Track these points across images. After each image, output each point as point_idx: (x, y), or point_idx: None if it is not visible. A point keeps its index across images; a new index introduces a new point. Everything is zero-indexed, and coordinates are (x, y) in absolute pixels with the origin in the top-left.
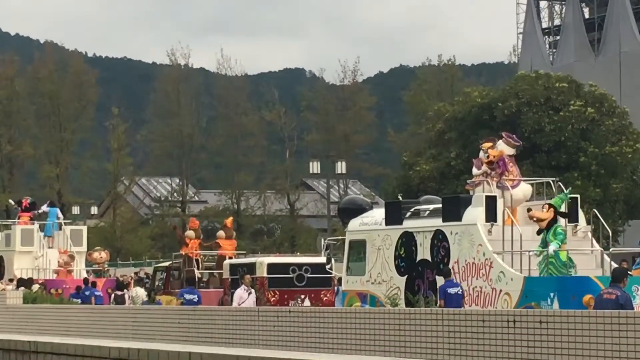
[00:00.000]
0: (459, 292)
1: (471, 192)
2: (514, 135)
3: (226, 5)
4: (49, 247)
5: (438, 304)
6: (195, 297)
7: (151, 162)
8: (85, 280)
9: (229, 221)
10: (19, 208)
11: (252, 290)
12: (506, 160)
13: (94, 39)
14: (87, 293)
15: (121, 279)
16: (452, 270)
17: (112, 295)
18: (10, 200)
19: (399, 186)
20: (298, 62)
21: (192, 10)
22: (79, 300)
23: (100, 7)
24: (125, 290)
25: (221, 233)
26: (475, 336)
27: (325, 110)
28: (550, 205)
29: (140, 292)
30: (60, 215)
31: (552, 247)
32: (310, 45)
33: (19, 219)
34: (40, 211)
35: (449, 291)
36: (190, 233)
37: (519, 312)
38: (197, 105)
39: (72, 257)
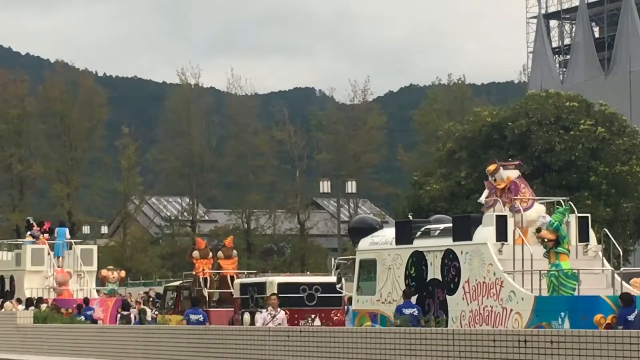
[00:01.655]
0: (415, 314)
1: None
2: (510, 160)
3: (232, 25)
4: (59, 267)
5: (394, 323)
6: (200, 317)
7: (161, 182)
8: (86, 300)
9: (227, 241)
10: (40, 230)
11: (281, 311)
12: (517, 182)
13: (104, 59)
14: (88, 313)
15: (127, 298)
16: (410, 293)
17: (118, 315)
18: (30, 220)
19: (409, 205)
20: (306, 82)
21: (200, 30)
22: (83, 319)
23: (109, 27)
24: (130, 310)
25: (220, 253)
26: (487, 356)
27: (335, 130)
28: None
29: (149, 312)
30: (67, 235)
31: (545, 215)
32: (318, 65)
33: (37, 239)
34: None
35: (404, 311)
36: (195, 253)
37: (530, 332)
38: (207, 124)
39: (69, 275)
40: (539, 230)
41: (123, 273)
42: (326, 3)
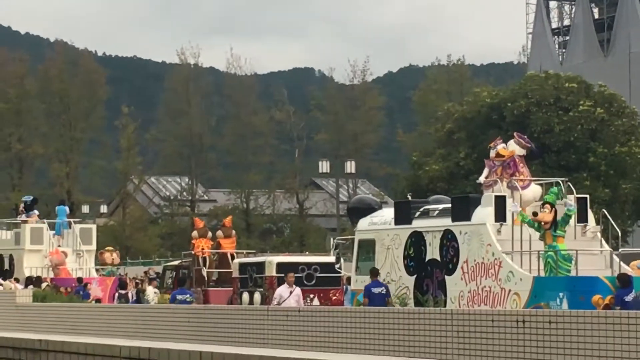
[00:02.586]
0: (383, 292)
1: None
2: (526, 137)
3: (232, 5)
4: (58, 246)
5: (362, 302)
6: (187, 297)
7: (161, 161)
8: (79, 280)
9: (227, 220)
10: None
11: (297, 288)
12: (517, 160)
13: (103, 38)
14: (81, 293)
15: (124, 278)
16: (376, 272)
17: (116, 294)
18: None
19: (408, 186)
20: (306, 62)
21: (199, 9)
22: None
23: (110, 6)
24: (127, 289)
25: (219, 232)
26: (485, 336)
27: (334, 110)
28: (550, 204)
29: (149, 291)
30: (67, 213)
31: (515, 204)
32: (317, 46)
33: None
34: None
35: (372, 290)
36: (193, 233)
37: (528, 312)
38: (207, 104)
39: (65, 254)
40: (535, 213)
41: (115, 255)
42: None
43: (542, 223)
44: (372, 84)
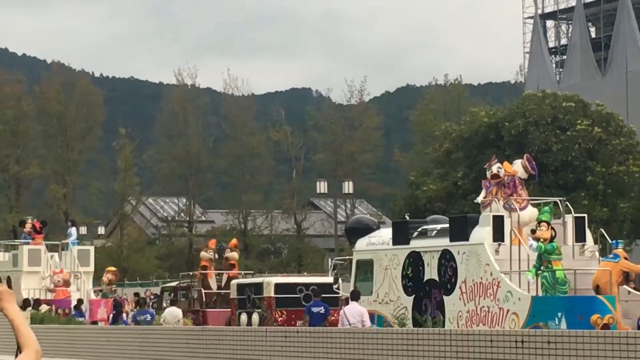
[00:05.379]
0: (321, 312)
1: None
2: (534, 164)
3: (228, 26)
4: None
5: (304, 320)
6: (147, 317)
7: (158, 182)
8: (80, 301)
9: (233, 242)
10: (33, 230)
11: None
12: (517, 181)
13: (100, 60)
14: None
15: (118, 299)
16: (319, 292)
17: (111, 316)
18: (29, 220)
19: (406, 206)
20: (303, 82)
21: (196, 30)
22: (81, 319)
23: (106, 28)
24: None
25: (234, 254)
26: (483, 356)
27: (332, 130)
28: (547, 222)
29: (175, 312)
30: (74, 234)
31: (533, 243)
32: (314, 66)
33: (32, 239)
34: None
35: (313, 310)
36: (203, 254)
37: (527, 332)
38: (204, 125)
39: (75, 276)
40: (533, 231)
41: (110, 275)
42: (321, 4)
43: (542, 240)
44: (369, 104)
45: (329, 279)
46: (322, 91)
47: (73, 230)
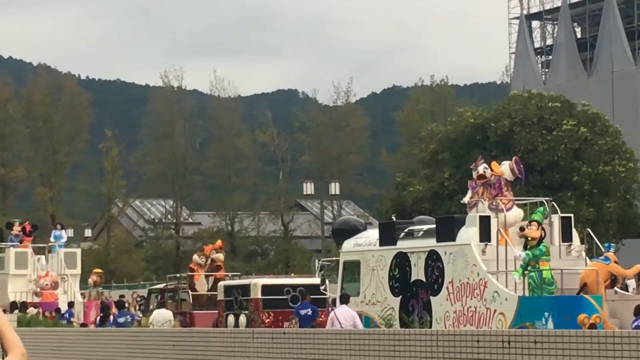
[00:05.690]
0: (309, 314)
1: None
2: (522, 168)
3: (214, 28)
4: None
5: (293, 323)
6: (128, 318)
7: (145, 184)
8: (70, 304)
9: (218, 244)
10: (23, 232)
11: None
12: (502, 183)
13: (86, 62)
14: (66, 316)
15: (106, 302)
16: (306, 294)
17: (97, 318)
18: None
19: (393, 207)
20: (289, 84)
21: (181, 32)
22: (66, 321)
23: (91, 30)
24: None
25: (220, 255)
26: (470, 356)
27: (318, 131)
28: (537, 222)
29: (165, 314)
30: (64, 236)
31: (521, 253)
32: (300, 67)
33: (21, 242)
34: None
35: (300, 312)
36: (195, 258)
37: (514, 332)
38: (191, 126)
39: (62, 279)
40: (522, 229)
41: (95, 277)
42: (308, 5)
43: (529, 239)
44: (355, 105)
45: (316, 281)
46: (308, 92)
47: (63, 232)
